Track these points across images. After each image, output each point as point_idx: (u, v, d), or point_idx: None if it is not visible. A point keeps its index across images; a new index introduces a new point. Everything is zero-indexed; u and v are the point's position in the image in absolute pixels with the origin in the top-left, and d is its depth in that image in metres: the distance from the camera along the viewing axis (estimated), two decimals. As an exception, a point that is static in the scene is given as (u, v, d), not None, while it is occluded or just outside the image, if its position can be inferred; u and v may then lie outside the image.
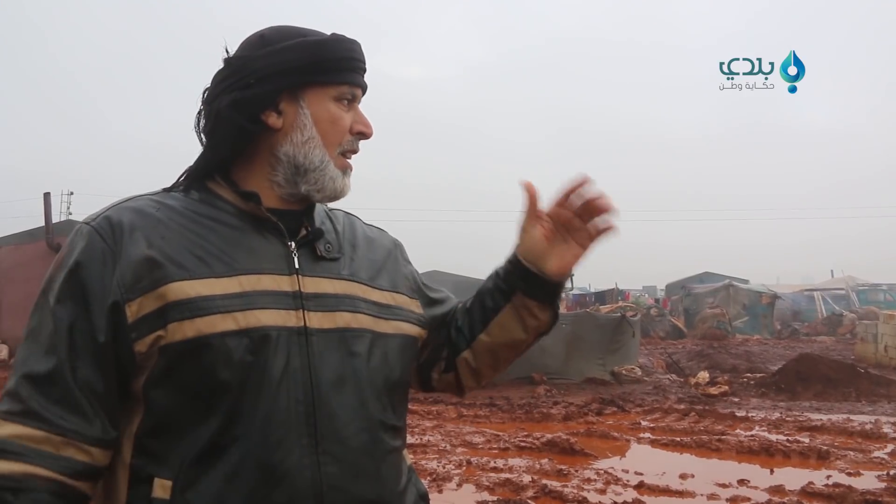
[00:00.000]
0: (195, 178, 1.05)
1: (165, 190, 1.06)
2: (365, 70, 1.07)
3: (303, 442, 0.94)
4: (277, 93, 1.01)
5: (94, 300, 0.93)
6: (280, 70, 1.00)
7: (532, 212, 1.10)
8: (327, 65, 1.02)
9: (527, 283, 1.11)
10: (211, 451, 0.92)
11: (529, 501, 4.64)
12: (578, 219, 1.08)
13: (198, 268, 0.95)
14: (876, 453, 6.06)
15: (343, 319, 1.01)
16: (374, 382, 1.01)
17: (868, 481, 5.16)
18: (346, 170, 1.06)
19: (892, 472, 5.31)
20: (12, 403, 0.92)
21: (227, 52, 1.04)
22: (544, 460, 5.73)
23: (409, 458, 1.12)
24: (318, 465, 0.94)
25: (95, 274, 0.93)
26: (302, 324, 0.97)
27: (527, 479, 5.15)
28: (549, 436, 6.41)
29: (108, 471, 0.96)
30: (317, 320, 0.98)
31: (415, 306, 1.13)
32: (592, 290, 31.46)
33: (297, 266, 1.01)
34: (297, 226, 1.05)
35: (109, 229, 0.96)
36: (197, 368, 0.91)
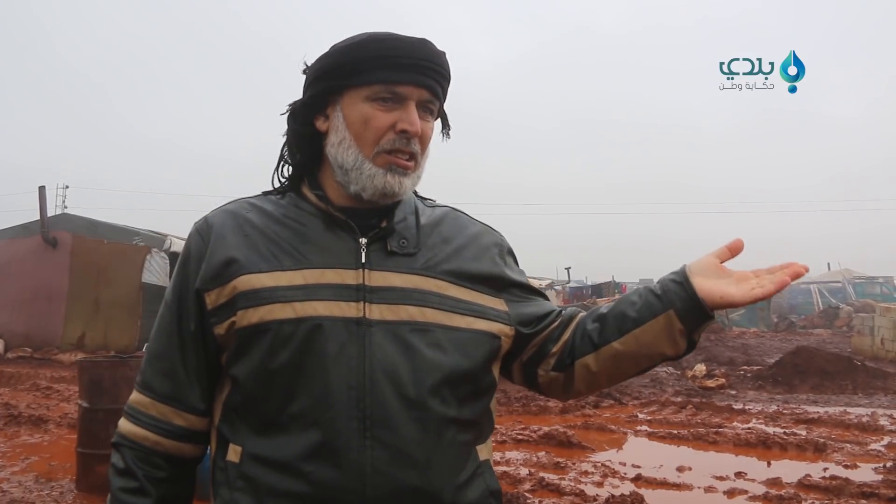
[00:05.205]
0: (291, 182, 1.16)
1: (265, 193, 1.18)
2: (422, 67, 1.07)
3: (352, 425, 1.00)
4: (323, 98, 1.10)
5: (190, 290, 1.09)
6: (320, 76, 1.10)
7: (724, 254, 1.10)
8: (356, 66, 1.06)
9: (683, 304, 1.09)
10: (270, 425, 1.03)
11: (527, 494, 4.63)
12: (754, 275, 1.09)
13: (269, 262, 1.06)
14: (872, 446, 6.09)
15: (407, 312, 1.05)
16: (434, 375, 1.03)
17: (865, 474, 5.19)
18: (390, 167, 1.07)
19: (888, 465, 5.32)
20: (139, 375, 1.14)
21: (305, 64, 1.13)
22: (541, 453, 5.74)
23: (485, 453, 1.13)
24: (364, 449, 0.99)
25: (193, 268, 1.10)
26: (361, 314, 1.03)
27: (524, 472, 5.17)
28: (546, 429, 6.42)
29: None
30: (378, 312, 1.04)
31: (498, 304, 1.15)
32: (589, 283, 31.55)
33: (363, 261, 1.07)
34: (375, 223, 1.11)
35: (207, 229, 1.11)
36: (260, 351, 1.03)
